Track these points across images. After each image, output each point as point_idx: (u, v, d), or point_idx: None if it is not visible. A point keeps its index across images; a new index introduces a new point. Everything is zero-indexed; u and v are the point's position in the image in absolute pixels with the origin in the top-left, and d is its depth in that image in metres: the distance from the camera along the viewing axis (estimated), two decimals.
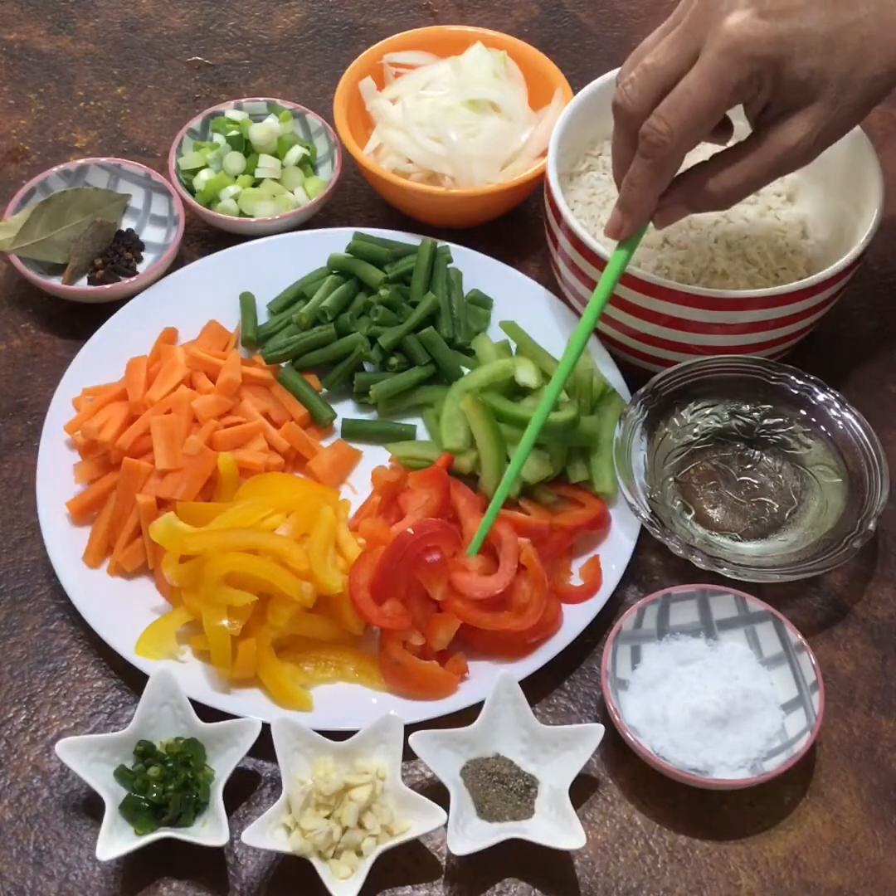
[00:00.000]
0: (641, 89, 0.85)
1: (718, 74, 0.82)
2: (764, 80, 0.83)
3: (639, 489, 0.95)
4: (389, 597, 0.91)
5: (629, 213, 0.90)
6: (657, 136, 0.84)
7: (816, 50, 0.82)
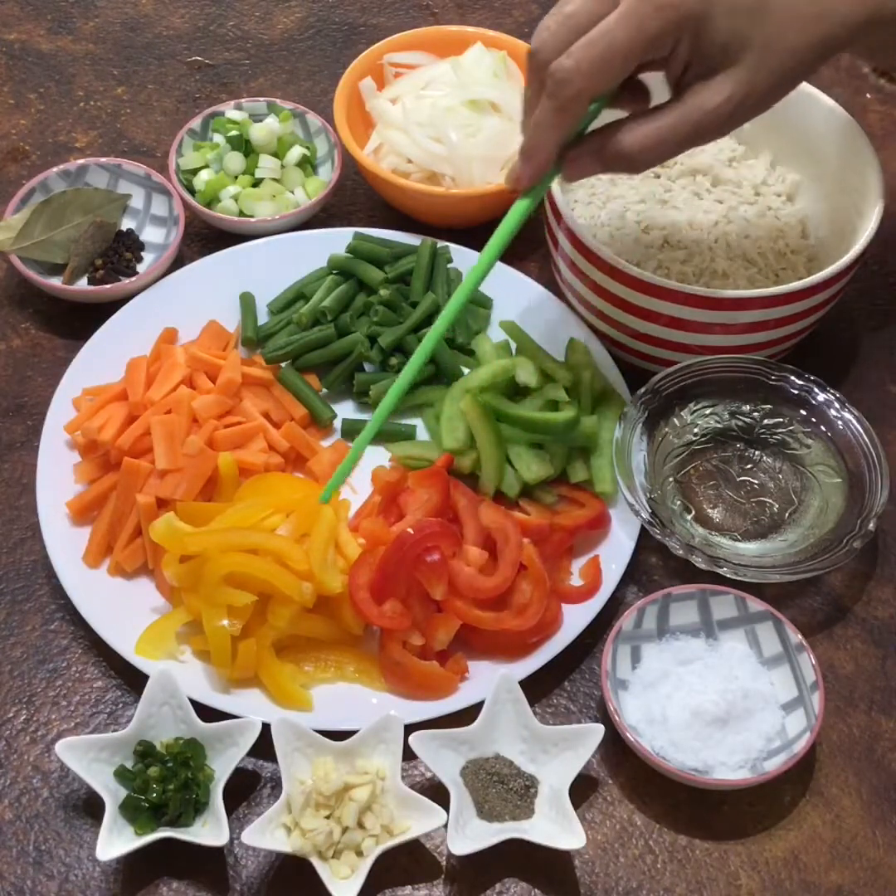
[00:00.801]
0: (557, 34, 0.81)
1: (637, 19, 0.79)
2: (683, 35, 0.81)
3: (639, 489, 0.95)
4: (389, 597, 0.91)
5: (530, 158, 0.85)
6: (564, 72, 0.80)
7: (741, 11, 0.80)
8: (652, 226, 1.07)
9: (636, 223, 1.07)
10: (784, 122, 1.09)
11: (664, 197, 1.09)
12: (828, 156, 1.08)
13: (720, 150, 1.12)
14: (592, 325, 1.06)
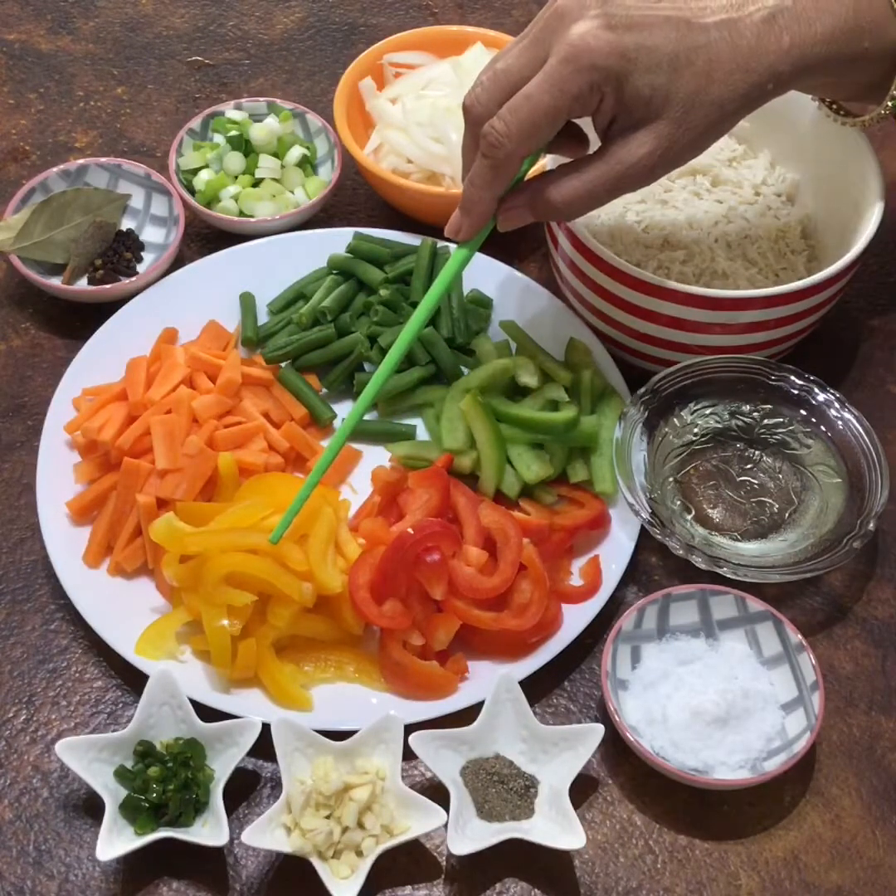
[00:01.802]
0: (489, 92, 0.84)
1: (558, 81, 0.81)
2: (605, 93, 0.82)
3: (639, 489, 0.95)
4: (389, 597, 0.91)
5: (468, 212, 0.88)
6: (495, 137, 0.83)
7: (661, 67, 0.82)
8: (652, 226, 1.07)
9: (636, 223, 1.07)
10: (784, 122, 1.09)
11: (664, 197, 1.09)
12: (828, 156, 1.08)
13: (720, 150, 1.12)
14: (592, 325, 1.06)
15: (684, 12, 0.83)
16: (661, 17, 0.82)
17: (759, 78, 0.84)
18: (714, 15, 0.83)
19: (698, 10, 0.83)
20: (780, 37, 0.83)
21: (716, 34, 0.82)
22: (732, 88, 0.83)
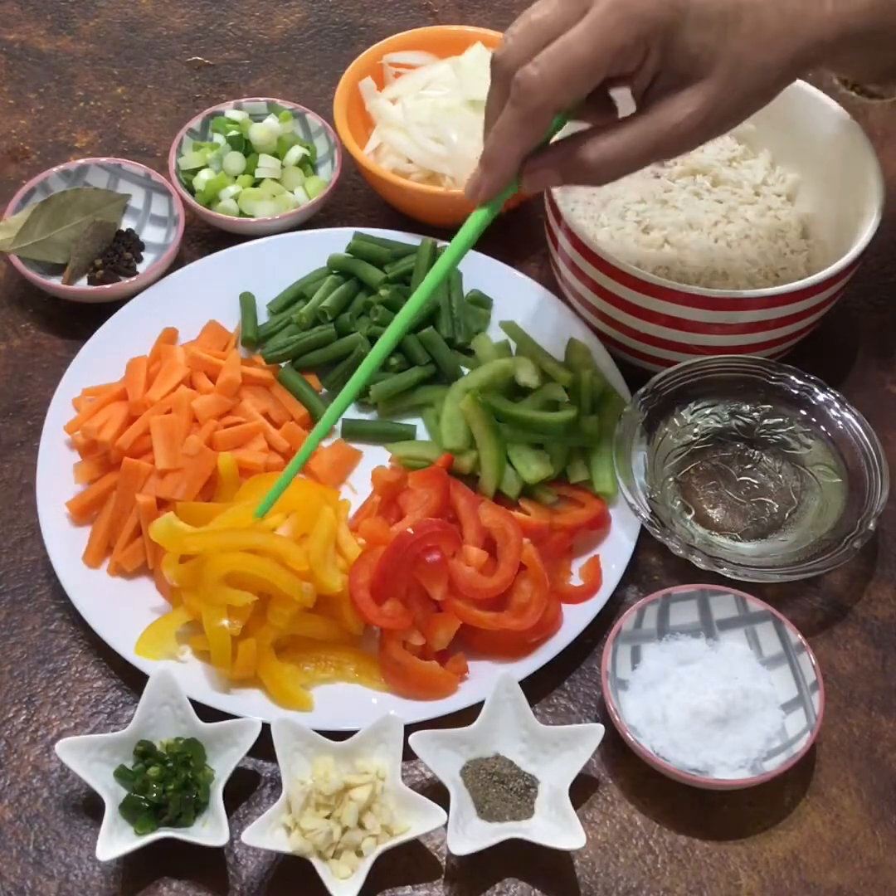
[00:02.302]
0: (523, 43, 0.79)
1: (604, 31, 0.77)
2: (651, 47, 0.78)
3: (639, 489, 0.95)
4: (389, 597, 0.91)
5: (490, 167, 0.82)
6: (529, 82, 0.77)
7: (711, 24, 0.79)
8: (652, 226, 1.07)
9: (636, 223, 1.07)
10: (784, 122, 1.09)
11: (664, 197, 1.09)
12: (828, 156, 1.08)
13: (720, 150, 1.12)
14: (592, 325, 1.06)
15: None
16: None
17: (803, 43, 0.82)
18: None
19: None
20: (823, 3, 0.81)
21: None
22: (778, 52, 0.81)
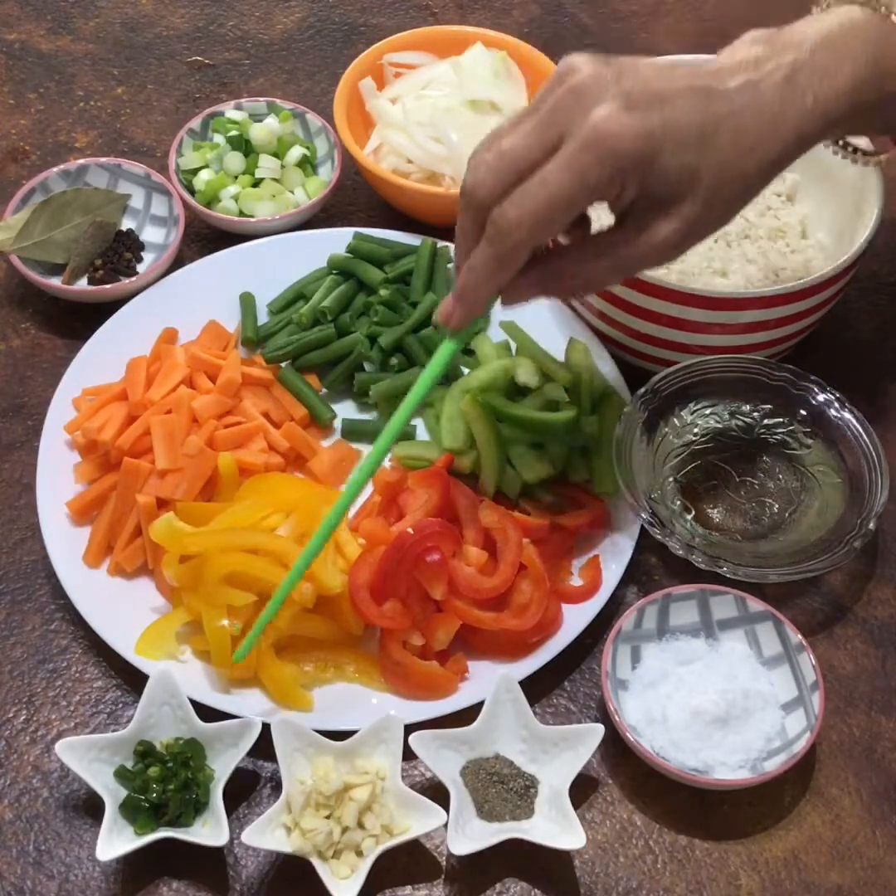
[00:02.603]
0: (496, 173, 0.77)
1: (578, 169, 0.75)
2: (629, 179, 0.76)
3: (639, 489, 0.95)
4: (389, 597, 0.91)
5: (463, 302, 0.81)
6: (506, 224, 0.76)
7: (689, 143, 0.76)
8: None
9: None
10: None
11: None
12: (828, 156, 1.07)
13: None
14: (592, 325, 1.06)
15: (704, 79, 0.77)
16: (682, 88, 0.76)
17: (786, 143, 0.79)
18: (733, 78, 0.78)
19: (716, 75, 0.78)
20: (803, 97, 0.78)
21: (739, 101, 0.77)
22: (760, 158, 0.78)
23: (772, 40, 0.80)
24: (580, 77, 0.76)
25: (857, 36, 0.81)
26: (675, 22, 1.39)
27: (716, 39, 1.39)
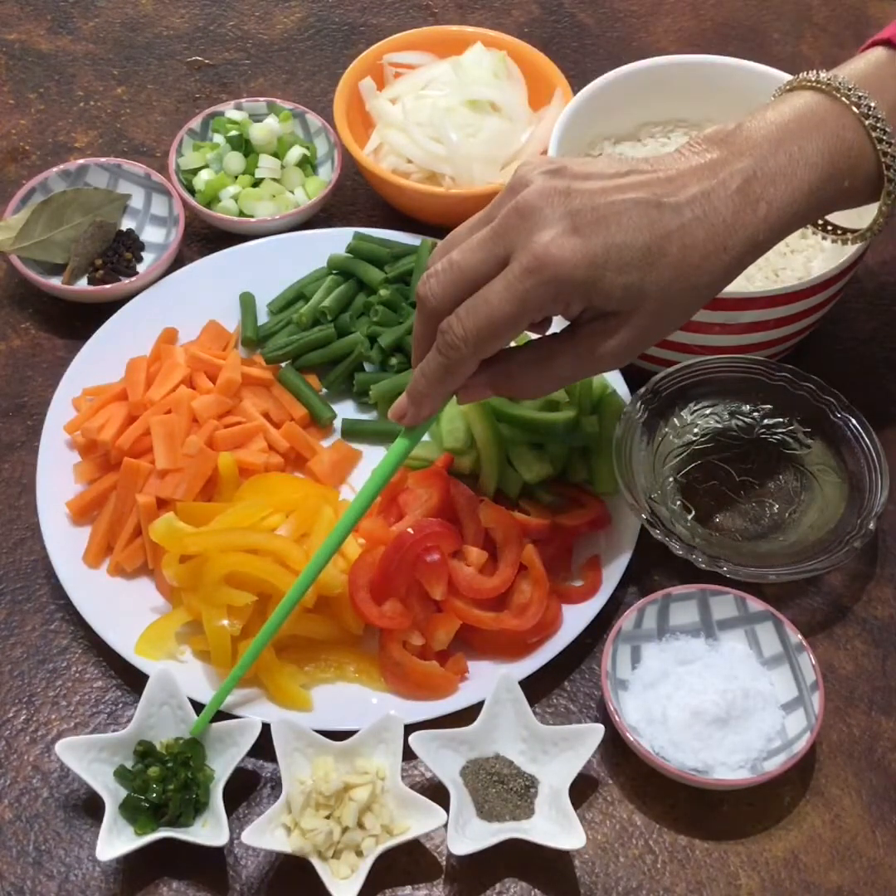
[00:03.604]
0: (444, 285, 0.79)
1: (520, 293, 0.76)
2: (571, 300, 0.78)
3: (639, 489, 0.95)
4: (389, 597, 0.91)
5: (413, 403, 0.84)
6: (453, 338, 0.78)
7: (633, 264, 0.76)
8: None
9: None
10: None
11: None
12: None
13: None
14: None
15: (654, 189, 0.77)
16: (630, 202, 0.76)
17: (737, 254, 0.79)
18: (686, 188, 0.77)
19: (668, 183, 0.77)
20: (755, 206, 0.78)
21: (689, 214, 0.77)
22: (710, 271, 0.78)
23: (728, 142, 0.80)
24: (528, 194, 0.77)
25: (814, 132, 0.80)
26: (675, 22, 1.39)
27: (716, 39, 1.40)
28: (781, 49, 1.37)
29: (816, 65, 1.33)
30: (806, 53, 1.36)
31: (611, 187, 0.77)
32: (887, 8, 1.41)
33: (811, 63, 1.35)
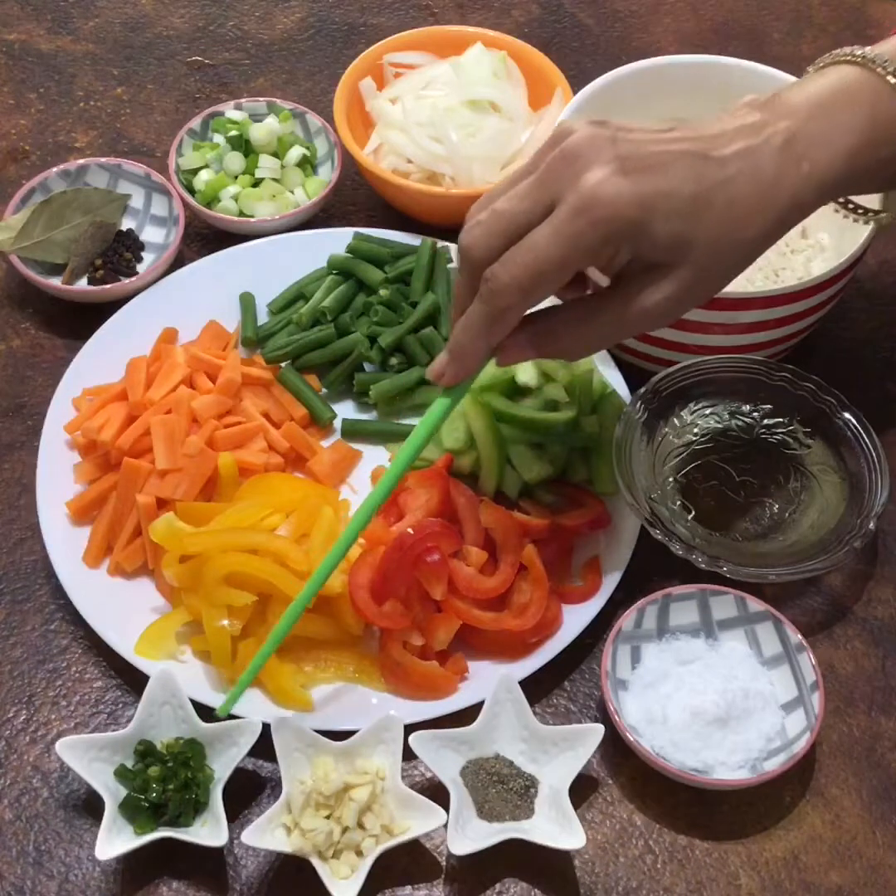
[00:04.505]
0: (490, 234, 0.78)
1: (570, 234, 0.75)
2: (620, 245, 0.77)
3: (639, 489, 0.95)
4: (389, 597, 0.91)
5: (456, 359, 0.81)
6: (497, 284, 0.77)
7: (681, 212, 0.75)
8: None
9: None
10: None
11: None
12: None
13: None
14: None
15: (699, 143, 0.77)
16: (677, 153, 0.76)
17: (781, 211, 0.78)
18: (732, 143, 0.77)
19: (713, 140, 0.77)
20: (798, 165, 0.78)
21: (734, 168, 0.76)
22: (755, 226, 0.78)
23: (768, 107, 0.80)
24: (574, 140, 0.76)
25: (851, 102, 0.80)
26: (675, 22, 1.39)
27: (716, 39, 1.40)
28: (781, 49, 1.37)
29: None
30: (806, 53, 1.36)
31: (656, 139, 0.77)
32: (888, 8, 1.41)
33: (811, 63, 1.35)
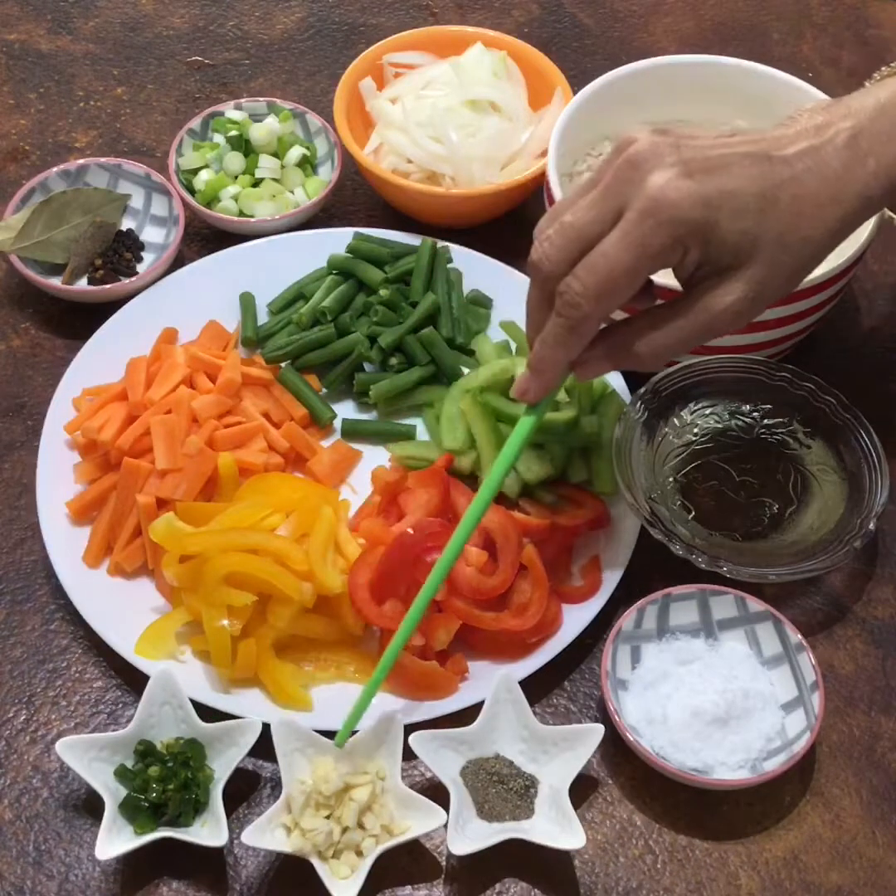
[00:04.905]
0: (560, 247, 0.79)
1: (639, 239, 0.76)
2: (689, 246, 0.77)
3: (639, 489, 0.95)
4: (389, 597, 0.91)
5: (538, 374, 0.83)
6: (572, 297, 0.78)
7: (748, 210, 0.76)
8: None
9: None
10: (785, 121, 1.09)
11: None
12: None
13: None
14: None
15: (762, 145, 0.78)
16: (740, 154, 0.77)
17: (849, 207, 0.78)
18: (794, 144, 0.78)
19: (776, 141, 0.78)
20: (864, 161, 0.78)
21: (800, 166, 0.77)
22: (823, 223, 0.78)
23: (830, 109, 0.80)
24: (637, 147, 0.77)
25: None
26: (675, 22, 1.39)
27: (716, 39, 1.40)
28: (781, 49, 1.37)
29: (816, 65, 1.34)
30: (806, 53, 1.36)
31: (719, 143, 0.78)
32: (888, 8, 1.41)
33: (811, 63, 1.35)
